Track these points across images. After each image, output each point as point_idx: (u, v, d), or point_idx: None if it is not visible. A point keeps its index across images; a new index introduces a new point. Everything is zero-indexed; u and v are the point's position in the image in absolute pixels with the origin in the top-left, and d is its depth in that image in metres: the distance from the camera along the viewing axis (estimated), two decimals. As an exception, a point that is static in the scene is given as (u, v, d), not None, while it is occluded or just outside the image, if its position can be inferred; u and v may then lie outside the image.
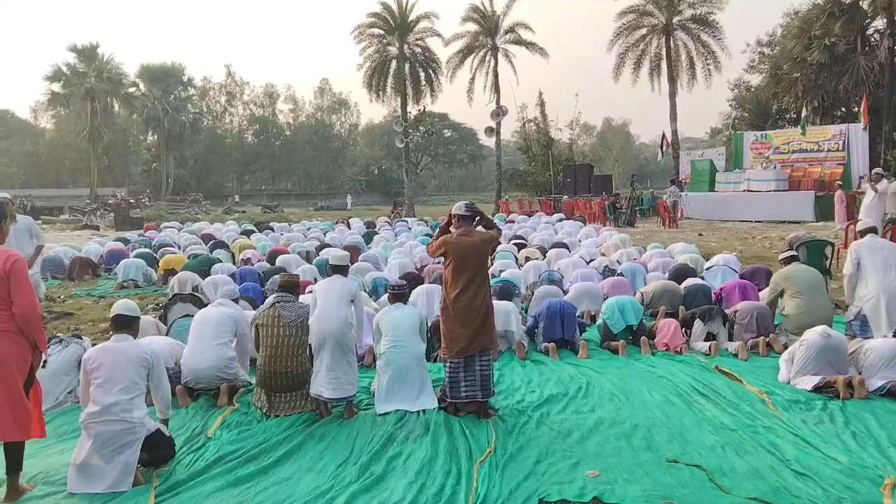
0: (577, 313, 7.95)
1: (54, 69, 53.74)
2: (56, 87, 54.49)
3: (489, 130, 38.75)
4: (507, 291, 8.66)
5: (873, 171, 14.88)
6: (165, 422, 4.64)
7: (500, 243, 14.41)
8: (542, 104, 39.19)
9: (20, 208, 34.99)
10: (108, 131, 56.68)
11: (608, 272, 10.62)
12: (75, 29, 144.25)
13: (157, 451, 4.38)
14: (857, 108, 30.92)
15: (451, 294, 5.28)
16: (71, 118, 61.28)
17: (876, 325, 6.77)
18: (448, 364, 5.29)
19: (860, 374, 5.66)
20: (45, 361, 5.33)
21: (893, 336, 6.46)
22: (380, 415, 5.29)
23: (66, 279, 13.46)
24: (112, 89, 56.06)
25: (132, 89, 59.94)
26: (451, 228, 5.47)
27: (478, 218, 5.50)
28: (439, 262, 10.01)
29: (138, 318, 4.57)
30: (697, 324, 7.31)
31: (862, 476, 4.04)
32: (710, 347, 6.97)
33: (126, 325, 4.44)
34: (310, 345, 5.49)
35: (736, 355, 6.87)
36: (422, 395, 5.42)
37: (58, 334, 6.14)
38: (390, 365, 5.43)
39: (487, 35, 38.29)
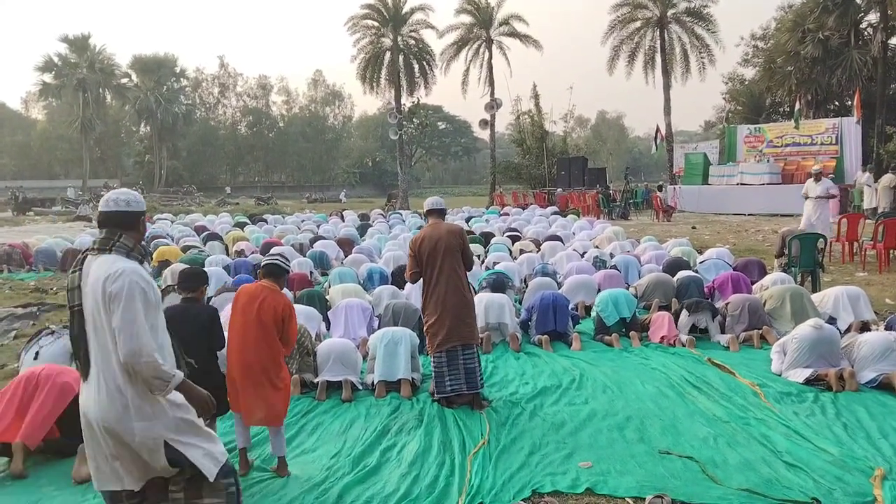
0: (571, 306, 7.98)
1: (45, 60, 53.37)
2: (47, 77, 54.11)
3: (483, 123, 38.65)
4: (501, 284, 8.68)
5: (812, 168, 12.95)
6: None
7: (494, 236, 14.45)
8: (536, 97, 39.13)
9: (12, 199, 34.83)
10: (101, 122, 56.36)
11: (599, 263, 10.65)
12: (67, 19, 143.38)
13: None
14: (850, 102, 30.99)
15: (426, 288, 5.33)
16: (63, 109, 60.84)
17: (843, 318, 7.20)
18: (433, 358, 5.32)
19: (852, 366, 5.70)
20: (37, 353, 5.36)
21: (885, 328, 6.52)
22: (374, 406, 5.32)
23: (59, 271, 13.42)
24: (104, 80, 55.72)
25: (124, 80, 59.56)
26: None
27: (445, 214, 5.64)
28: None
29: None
30: (683, 314, 7.35)
31: (852, 467, 4.07)
32: (687, 341, 6.99)
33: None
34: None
35: (727, 348, 6.90)
36: None
37: (50, 326, 6.11)
38: None
39: (482, 27, 38.14)
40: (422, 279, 5.41)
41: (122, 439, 2.67)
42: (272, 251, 4.37)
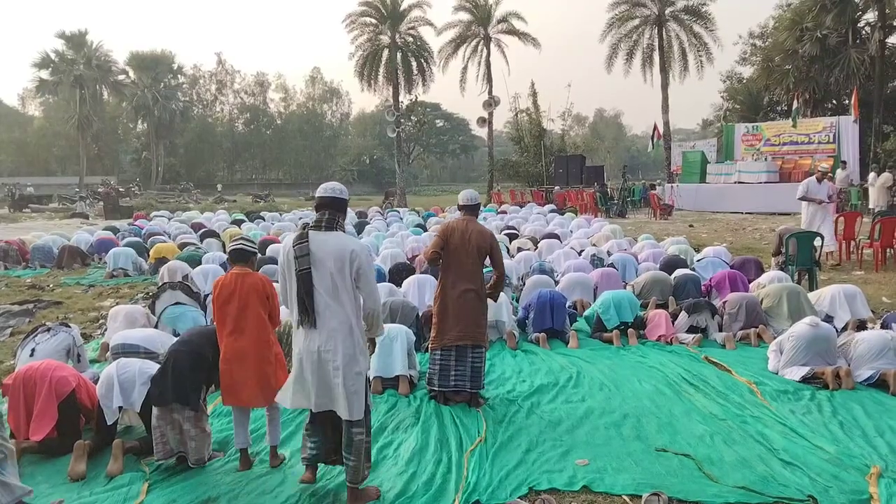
0: (568, 303, 7.97)
1: (42, 56, 53.01)
2: (44, 74, 53.74)
3: (481, 121, 38.64)
4: (499, 281, 8.65)
5: (818, 165, 12.90)
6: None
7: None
8: (534, 94, 39.02)
9: (8, 196, 34.73)
10: (98, 119, 56.10)
11: (596, 261, 10.65)
12: (63, 15, 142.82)
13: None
14: (847, 101, 31.01)
15: (444, 280, 5.29)
16: (59, 106, 60.54)
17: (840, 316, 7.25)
18: (439, 353, 5.30)
19: (849, 364, 5.71)
20: (33, 350, 5.33)
21: (882, 327, 6.52)
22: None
23: (56, 268, 13.40)
24: (101, 77, 55.40)
25: (121, 77, 59.24)
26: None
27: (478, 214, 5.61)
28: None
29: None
30: (682, 315, 7.35)
31: (849, 465, 4.08)
32: (692, 339, 7.00)
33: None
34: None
35: (724, 346, 6.91)
36: None
37: (46, 323, 6.09)
38: None
39: (480, 24, 38.12)
40: (440, 269, 5.38)
41: (346, 369, 3.54)
42: (239, 238, 4.43)
